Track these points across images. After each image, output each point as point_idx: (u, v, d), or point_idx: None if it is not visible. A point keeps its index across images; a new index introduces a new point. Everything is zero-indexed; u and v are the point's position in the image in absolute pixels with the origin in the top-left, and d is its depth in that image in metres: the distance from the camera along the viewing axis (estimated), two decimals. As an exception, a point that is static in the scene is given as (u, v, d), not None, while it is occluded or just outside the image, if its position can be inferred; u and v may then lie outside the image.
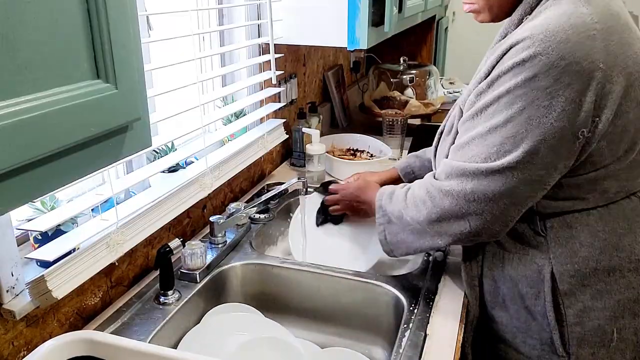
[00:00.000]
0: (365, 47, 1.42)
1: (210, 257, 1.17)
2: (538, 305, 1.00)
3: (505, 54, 0.90)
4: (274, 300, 1.21)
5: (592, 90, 0.85)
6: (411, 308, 1.05)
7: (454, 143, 1.02)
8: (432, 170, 1.28)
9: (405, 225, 1.05)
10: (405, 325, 1.00)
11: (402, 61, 2.42)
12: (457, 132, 1.02)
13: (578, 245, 0.97)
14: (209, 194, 1.28)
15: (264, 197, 1.32)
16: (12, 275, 0.83)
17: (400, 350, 0.93)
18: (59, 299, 0.85)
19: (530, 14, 0.95)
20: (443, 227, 0.98)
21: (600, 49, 0.85)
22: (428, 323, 1.01)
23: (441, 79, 2.93)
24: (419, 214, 1.01)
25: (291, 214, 1.55)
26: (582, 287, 0.98)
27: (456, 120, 1.03)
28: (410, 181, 1.33)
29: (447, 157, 1.03)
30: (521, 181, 0.90)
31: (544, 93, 0.85)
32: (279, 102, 1.67)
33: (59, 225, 0.91)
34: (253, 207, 1.30)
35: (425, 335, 0.97)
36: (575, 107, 0.85)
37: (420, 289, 1.10)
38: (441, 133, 1.14)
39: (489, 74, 0.93)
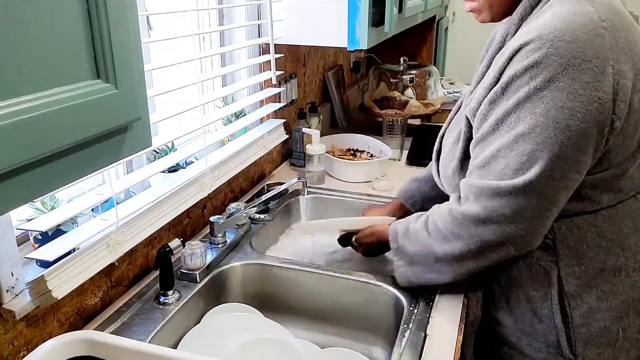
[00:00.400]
0: (366, 47, 1.42)
1: (210, 257, 1.17)
2: (544, 308, 1.00)
3: (514, 55, 0.88)
4: (274, 300, 1.21)
5: (609, 87, 0.85)
6: (411, 308, 1.04)
7: (463, 155, 1.00)
8: (431, 185, 1.24)
9: (434, 262, 0.99)
10: (405, 326, 0.99)
11: (402, 61, 2.42)
12: (466, 143, 0.99)
13: (585, 246, 0.97)
14: (209, 194, 1.28)
15: (264, 197, 1.32)
16: (12, 275, 0.83)
17: (400, 350, 0.93)
18: (58, 298, 0.85)
19: (530, 13, 0.94)
20: (483, 256, 0.93)
21: (610, 47, 0.85)
22: (428, 323, 1.00)
23: (441, 79, 2.93)
24: (453, 248, 0.95)
25: (292, 218, 1.55)
26: (588, 288, 0.98)
27: (463, 130, 1.00)
28: (414, 205, 1.30)
29: (455, 168, 1.01)
30: (558, 188, 0.88)
31: (564, 94, 0.83)
32: (279, 102, 1.67)
33: (59, 225, 0.91)
34: (253, 207, 1.30)
35: (425, 336, 0.97)
36: (597, 105, 0.84)
37: (420, 289, 1.10)
38: (442, 137, 1.13)
39: (498, 79, 0.91)
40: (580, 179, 0.90)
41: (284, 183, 1.38)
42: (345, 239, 1.29)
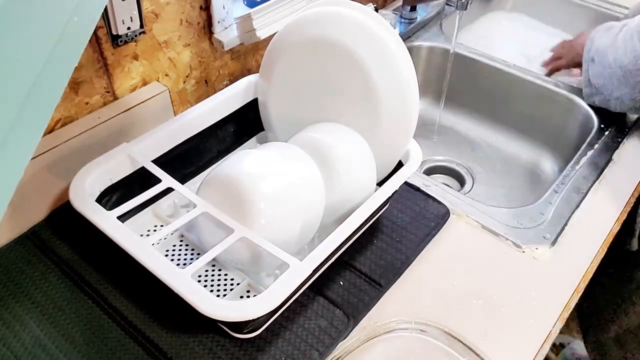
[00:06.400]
0: None
1: (398, 30, 1.14)
2: None
3: None
4: (451, 90, 1.18)
5: None
6: (602, 127, 0.96)
7: None
8: None
9: (606, 66, 0.90)
10: (589, 146, 0.93)
11: None
12: None
13: None
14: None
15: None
16: (224, 8, 0.88)
17: (577, 167, 0.89)
18: (261, 39, 0.89)
19: None
20: None
21: None
22: (617, 148, 0.92)
23: None
24: (624, 56, 0.85)
25: (490, 5, 1.42)
26: None
27: None
28: None
29: None
30: None
31: None
32: None
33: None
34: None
35: (610, 160, 0.91)
36: None
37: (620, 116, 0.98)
38: None
39: None
40: None
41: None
42: None
